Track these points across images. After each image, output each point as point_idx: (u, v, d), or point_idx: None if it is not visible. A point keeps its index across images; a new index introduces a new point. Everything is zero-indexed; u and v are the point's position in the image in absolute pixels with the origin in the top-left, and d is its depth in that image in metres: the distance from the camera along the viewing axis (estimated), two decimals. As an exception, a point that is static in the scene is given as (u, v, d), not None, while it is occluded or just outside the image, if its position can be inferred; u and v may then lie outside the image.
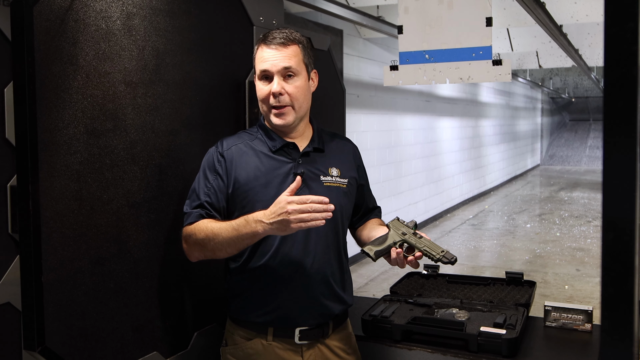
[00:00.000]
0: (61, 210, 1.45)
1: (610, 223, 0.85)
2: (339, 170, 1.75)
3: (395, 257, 1.61)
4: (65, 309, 1.47)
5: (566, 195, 12.75)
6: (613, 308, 0.86)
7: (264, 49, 1.66)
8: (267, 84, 1.66)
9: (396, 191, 7.83)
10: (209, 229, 1.58)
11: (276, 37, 1.65)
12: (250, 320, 1.69)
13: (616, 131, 0.85)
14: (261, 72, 1.66)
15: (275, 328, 1.67)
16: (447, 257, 1.59)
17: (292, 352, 1.68)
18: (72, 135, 1.46)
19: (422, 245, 1.62)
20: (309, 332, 1.69)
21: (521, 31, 7.26)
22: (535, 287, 2.25)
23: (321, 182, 1.70)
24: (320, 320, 1.70)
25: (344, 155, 1.81)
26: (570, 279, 6.12)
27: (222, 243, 1.56)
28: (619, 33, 0.85)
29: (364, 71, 6.77)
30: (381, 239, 1.66)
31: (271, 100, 1.65)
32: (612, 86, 0.85)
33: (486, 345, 1.77)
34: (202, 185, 1.66)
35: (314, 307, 1.69)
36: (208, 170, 1.68)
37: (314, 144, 1.74)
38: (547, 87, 17.17)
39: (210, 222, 1.61)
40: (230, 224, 1.57)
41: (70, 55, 1.45)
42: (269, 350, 1.67)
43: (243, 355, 1.69)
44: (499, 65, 2.16)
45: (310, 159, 1.72)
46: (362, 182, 1.87)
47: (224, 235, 1.55)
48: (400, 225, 1.68)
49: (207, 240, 1.58)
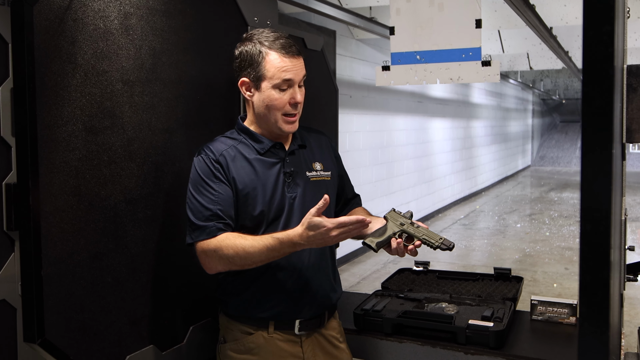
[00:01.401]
0: (60, 206, 1.48)
1: (588, 215, 0.90)
2: (321, 164, 1.81)
3: (395, 247, 1.66)
4: (64, 302, 1.50)
5: (556, 195, 12.86)
6: (590, 295, 0.91)
7: (284, 59, 1.65)
8: (282, 93, 1.66)
9: (388, 191, 7.88)
10: (238, 247, 1.58)
11: (292, 47, 1.67)
12: (251, 316, 1.72)
13: (593, 127, 0.90)
14: (284, 81, 1.65)
15: (276, 321, 1.72)
16: (446, 244, 1.64)
17: (292, 343, 1.73)
18: (71, 132, 1.50)
19: (421, 234, 1.67)
20: (308, 323, 1.75)
21: (512, 33, 7.34)
22: (522, 282, 2.30)
23: (308, 178, 1.75)
24: (318, 310, 1.77)
25: (322, 148, 1.86)
26: (559, 277, 6.19)
27: (254, 261, 1.59)
28: (596, 36, 0.90)
29: (356, 72, 6.82)
30: (380, 230, 1.71)
31: (288, 109, 1.68)
32: (590, 85, 0.90)
33: (474, 338, 1.82)
34: (205, 194, 1.64)
35: (314, 298, 1.75)
36: (207, 179, 1.65)
37: (298, 141, 1.79)
38: (538, 88, 17.29)
39: (237, 237, 1.60)
40: (265, 244, 1.57)
41: (69, 54, 1.49)
42: (270, 342, 1.72)
43: (245, 349, 1.73)
44: (488, 66, 2.21)
45: (296, 157, 1.77)
46: (341, 172, 1.92)
47: (257, 255, 1.58)
48: (397, 216, 1.73)
49: (238, 258, 1.59)
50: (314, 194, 1.72)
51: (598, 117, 0.89)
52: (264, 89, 1.67)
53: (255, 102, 1.70)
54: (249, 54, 1.68)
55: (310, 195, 1.72)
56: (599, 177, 0.88)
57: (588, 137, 0.89)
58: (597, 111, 0.89)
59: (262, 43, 1.67)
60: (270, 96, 1.66)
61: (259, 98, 1.69)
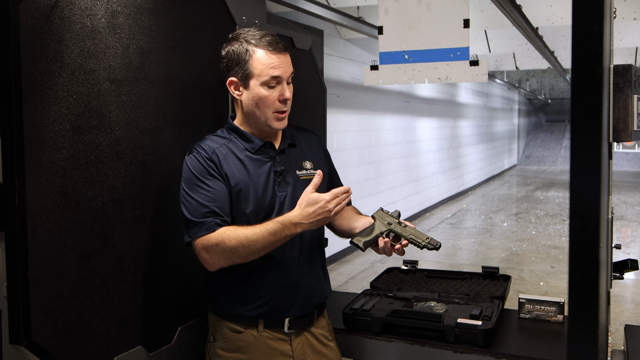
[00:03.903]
0: (47, 206, 1.47)
1: (577, 212, 0.91)
2: (311, 163, 1.81)
3: (383, 247, 1.69)
4: (51, 303, 1.49)
5: (542, 194, 12.97)
6: (580, 293, 0.92)
7: (271, 56, 1.66)
8: (271, 90, 1.67)
9: (376, 190, 7.90)
10: (241, 236, 1.59)
11: (279, 43, 1.68)
12: (241, 314, 1.72)
13: (583, 126, 0.90)
14: (272, 78, 1.65)
15: (265, 320, 1.72)
16: (432, 244, 1.68)
17: (282, 341, 1.74)
18: (58, 131, 1.48)
19: (408, 234, 1.70)
20: (298, 321, 1.75)
21: (498, 33, 7.39)
22: (510, 281, 2.31)
23: (298, 177, 1.76)
24: (307, 309, 1.77)
25: (312, 147, 1.87)
26: (545, 275, 6.25)
27: (258, 249, 1.60)
28: (585, 35, 0.90)
29: (344, 71, 6.83)
30: (368, 229, 1.73)
31: (278, 105, 1.68)
32: (579, 84, 0.91)
33: (463, 336, 1.83)
34: (200, 192, 1.63)
35: (305, 297, 1.75)
36: (202, 177, 1.64)
37: (288, 140, 1.80)
38: (524, 88, 17.42)
39: (238, 228, 1.61)
40: (266, 229, 1.59)
41: (56, 52, 1.47)
42: (259, 341, 1.72)
43: (234, 347, 1.73)
44: (476, 65, 2.22)
45: (286, 155, 1.77)
46: (331, 170, 1.93)
47: (261, 241, 1.59)
48: (385, 215, 1.75)
49: (241, 248, 1.59)
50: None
51: (587, 116, 0.89)
52: (252, 87, 1.67)
53: (244, 101, 1.70)
54: (235, 53, 1.68)
55: (300, 193, 1.72)
56: (588, 175, 0.89)
57: (577, 135, 0.90)
58: (587, 110, 0.89)
59: (249, 41, 1.67)
60: (259, 94, 1.66)
61: (247, 96, 1.68)
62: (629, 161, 19.20)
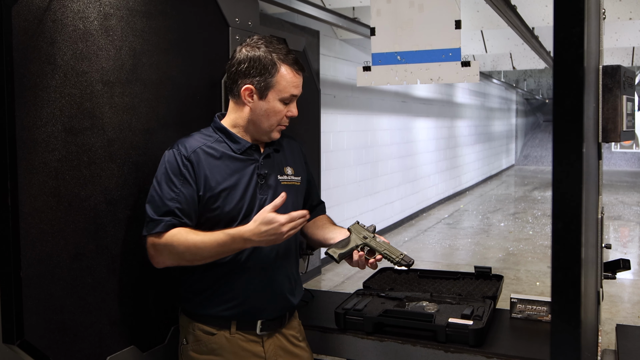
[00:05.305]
0: (39, 207, 1.48)
1: (560, 213, 0.92)
2: (292, 169, 1.85)
3: (357, 260, 1.76)
4: (44, 303, 1.50)
5: (539, 194, 12.99)
6: (562, 292, 0.93)
7: (296, 74, 1.73)
8: (283, 105, 1.73)
9: (372, 191, 7.91)
10: (189, 242, 1.61)
11: (300, 63, 1.74)
12: (213, 315, 1.73)
13: (564, 127, 0.92)
14: (292, 96, 1.73)
15: (238, 321, 1.74)
16: (405, 260, 1.77)
17: (254, 343, 1.75)
18: (50, 133, 1.49)
19: (382, 249, 1.78)
20: (270, 323, 1.78)
21: (495, 33, 7.40)
22: (502, 281, 2.33)
23: (279, 181, 1.79)
24: (280, 311, 1.80)
25: (294, 154, 1.90)
26: (542, 275, 6.26)
27: (203, 257, 1.64)
28: (567, 37, 0.92)
29: (340, 72, 6.84)
30: (344, 242, 1.79)
31: (285, 120, 1.75)
32: (561, 86, 0.92)
33: (454, 336, 1.84)
34: (167, 190, 1.65)
35: (278, 299, 1.78)
36: (173, 175, 1.66)
37: (273, 145, 1.82)
38: (521, 88, 17.46)
39: (189, 233, 1.63)
40: (215, 239, 1.61)
41: (49, 54, 1.48)
42: (232, 342, 1.73)
43: (207, 350, 1.74)
44: (468, 66, 2.23)
45: (270, 160, 1.80)
46: (309, 177, 1.96)
47: (208, 250, 1.62)
48: (361, 229, 1.82)
49: (187, 253, 1.63)
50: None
51: (568, 117, 0.91)
52: (270, 100, 1.71)
53: (253, 109, 1.72)
54: (261, 62, 1.69)
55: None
56: (570, 176, 0.90)
57: (559, 137, 0.91)
58: (568, 111, 0.91)
59: (277, 54, 1.70)
60: (274, 107, 1.71)
61: (261, 107, 1.71)
62: (627, 161, 19.23)
